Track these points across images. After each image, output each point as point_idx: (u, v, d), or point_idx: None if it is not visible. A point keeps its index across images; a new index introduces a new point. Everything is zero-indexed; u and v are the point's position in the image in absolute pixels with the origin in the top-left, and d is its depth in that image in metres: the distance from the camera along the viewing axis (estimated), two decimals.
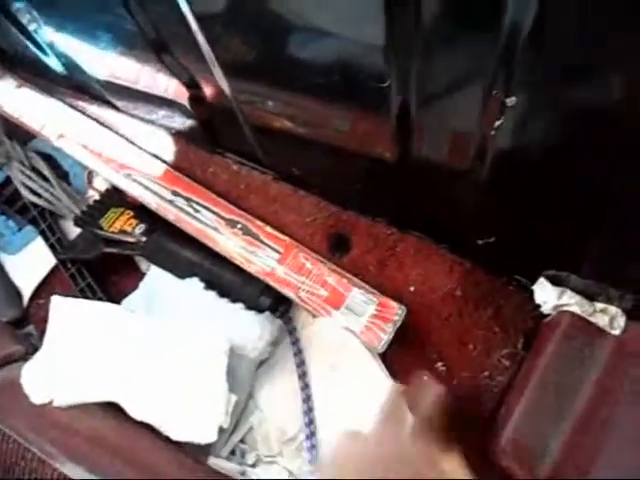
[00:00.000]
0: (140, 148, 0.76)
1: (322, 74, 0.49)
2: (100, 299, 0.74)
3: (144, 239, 0.69)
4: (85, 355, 0.63)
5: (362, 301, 0.63)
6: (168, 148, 0.77)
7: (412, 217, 0.63)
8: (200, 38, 0.52)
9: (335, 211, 0.67)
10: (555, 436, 0.51)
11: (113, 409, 0.62)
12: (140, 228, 0.70)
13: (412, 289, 0.63)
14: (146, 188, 0.72)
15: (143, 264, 0.75)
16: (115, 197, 0.75)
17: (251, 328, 0.62)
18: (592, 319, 0.57)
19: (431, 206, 0.60)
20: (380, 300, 0.63)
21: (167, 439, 0.61)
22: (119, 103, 0.80)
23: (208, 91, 0.63)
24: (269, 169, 0.70)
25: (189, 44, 0.54)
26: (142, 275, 0.74)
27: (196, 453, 0.62)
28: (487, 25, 0.34)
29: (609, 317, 0.57)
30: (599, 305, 0.58)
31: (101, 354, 0.63)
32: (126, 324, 0.64)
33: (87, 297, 0.74)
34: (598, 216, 0.48)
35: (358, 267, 0.66)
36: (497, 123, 0.40)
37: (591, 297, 0.58)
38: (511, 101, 0.37)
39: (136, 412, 0.60)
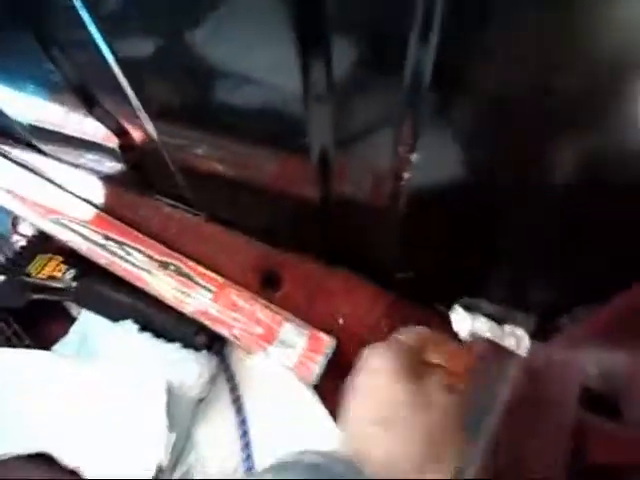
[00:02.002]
0: (68, 192, 0.76)
1: (246, 120, 0.52)
2: (28, 347, 0.73)
3: (75, 284, 0.69)
4: (14, 406, 0.62)
5: (294, 335, 0.66)
6: (97, 192, 0.77)
7: (339, 253, 0.67)
8: (125, 85, 0.54)
9: (266, 250, 0.70)
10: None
11: (45, 460, 0.61)
12: (70, 273, 0.70)
13: (341, 321, 0.67)
14: (76, 232, 0.72)
15: (73, 309, 0.75)
16: (43, 243, 0.74)
17: (190, 367, 0.63)
18: (502, 341, 0.62)
19: (355, 243, 0.64)
20: (311, 333, 0.66)
21: None
22: (45, 147, 0.80)
23: (136, 136, 0.65)
24: (200, 211, 0.72)
25: (114, 91, 0.56)
26: (73, 320, 0.74)
27: None
28: (390, 76, 0.38)
29: (515, 339, 0.63)
30: (507, 328, 0.63)
31: (31, 403, 0.63)
32: (56, 370, 0.64)
33: (14, 346, 0.72)
34: (500, 248, 0.54)
35: (289, 303, 0.69)
36: (405, 175, 0.45)
37: (501, 321, 0.64)
38: (415, 158, 0.41)
39: (69, 459, 0.60)
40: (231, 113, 0.52)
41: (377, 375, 0.37)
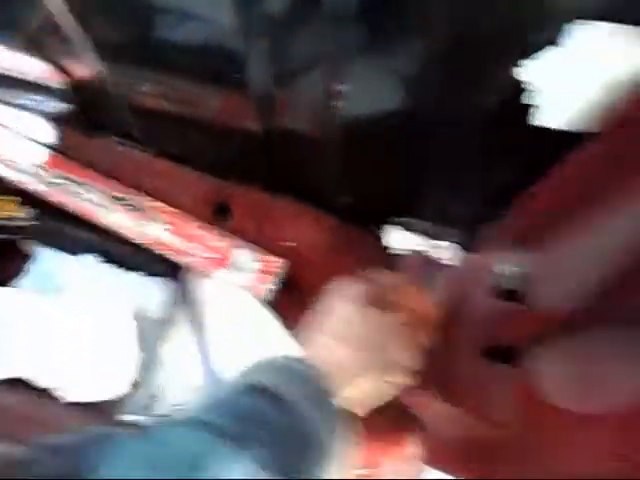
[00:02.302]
0: (19, 134, 0.78)
1: (188, 56, 0.56)
2: None
3: (34, 223, 0.72)
4: None
5: (247, 259, 0.72)
6: (48, 133, 0.79)
7: (283, 183, 0.72)
8: (71, 23, 0.56)
9: (216, 183, 0.75)
10: None
11: (21, 384, 0.66)
12: (29, 213, 0.73)
13: (289, 245, 0.73)
14: (29, 174, 0.74)
15: (29, 247, 0.78)
16: None
17: (152, 291, 0.69)
18: (431, 254, 0.70)
19: (298, 172, 0.69)
20: (262, 257, 0.72)
21: (77, 403, 0.67)
22: None
23: (84, 76, 0.67)
24: (150, 148, 0.76)
25: (60, 30, 0.58)
26: (28, 258, 0.77)
27: (109, 412, 0.69)
28: (318, 14, 0.43)
29: (443, 251, 0.71)
30: (436, 242, 0.72)
31: (1, 335, 0.67)
32: (25, 304, 0.68)
33: None
34: (424, 171, 0.61)
35: (240, 231, 0.74)
36: (337, 104, 0.50)
37: (430, 237, 0.72)
38: (343, 87, 0.47)
39: (46, 382, 0.66)
40: (174, 50, 0.56)
41: (339, 299, 0.43)
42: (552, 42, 0.32)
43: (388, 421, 0.70)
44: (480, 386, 0.52)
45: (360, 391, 0.40)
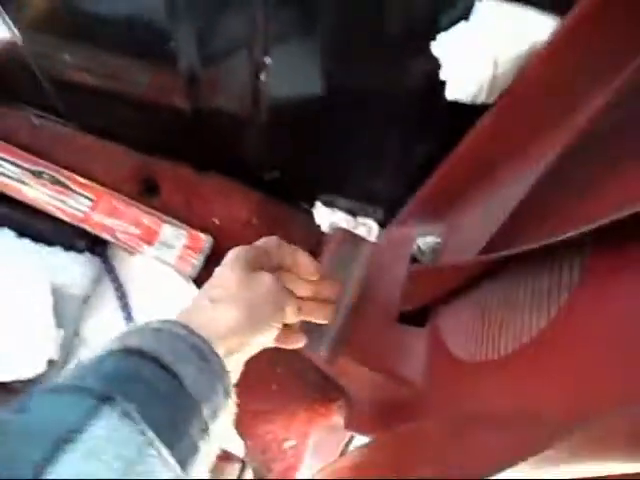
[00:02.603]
0: None
1: (116, 30, 0.55)
2: None
3: None
4: None
5: (173, 236, 0.72)
6: None
7: (210, 159, 0.73)
8: None
9: (143, 158, 0.74)
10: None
11: None
12: None
13: (216, 221, 0.74)
14: None
15: None
16: None
17: (73, 267, 0.67)
18: (356, 231, 0.74)
19: (225, 149, 0.70)
20: (189, 233, 0.72)
21: None
22: None
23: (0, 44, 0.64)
24: (72, 122, 0.74)
25: None
26: None
27: (25, 392, 0.67)
28: None
29: (367, 228, 0.74)
30: (360, 219, 0.75)
31: None
32: None
33: None
34: (346, 150, 0.64)
35: (168, 207, 0.74)
36: (262, 78, 0.51)
37: (354, 214, 0.75)
38: (268, 60, 0.48)
39: None
40: (100, 21, 0.55)
41: (223, 264, 0.44)
42: (463, 18, 0.36)
43: (313, 392, 0.72)
44: (395, 348, 0.56)
45: (238, 345, 0.41)
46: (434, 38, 0.38)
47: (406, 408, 0.53)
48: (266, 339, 0.43)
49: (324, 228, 0.75)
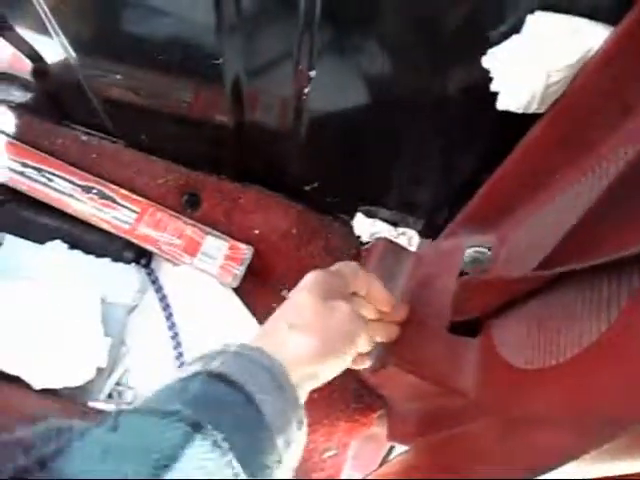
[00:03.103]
0: None
1: (162, 50, 0.57)
2: None
3: None
4: None
5: (215, 246, 0.74)
6: (9, 121, 0.78)
7: (251, 172, 0.74)
8: (41, 9, 0.57)
9: (185, 172, 0.76)
10: None
11: None
12: None
13: (257, 232, 0.75)
14: None
15: None
16: None
17: (121, 278, 0.70)
18: (397, 241, 0.74)
19: (266, 161, 0.72)
20: (230, 244, 0.74)
21: (46, 390, 0.66)
22: None
23: (53, 64, 0.67)
24: (119, 138, 0.76)
25: (30, 15, 0.58)
26: None
27: (76, 399, 0.69)
28: (288, 9, 0.46)
29: (408, 238, 0.75)
30: (400, 229, 0.75)
31: None
32: None
33: None
34: (389, 161, 0.64)
35: (209, 219, 0.76)
36: (306, 91, 0.53)
37: (395, 224, 0.75)
38: (313, 74, 0.49)
39: (10, 367, 0.65)
40: (147, 44, 0.57)
41: (302, 288, 0.44)
42: (514, 31, 0.36)
43: (355, 402, 0.73)
44: (445, 358, 0.56)
45: (310, 375, 0.42)
46: (484, 51, 0.39)
47: (457, 418, 0.53)
48: (338, 370, 0.43)
49: (364, 239, 0.75)
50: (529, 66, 0.36)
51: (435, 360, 0.57)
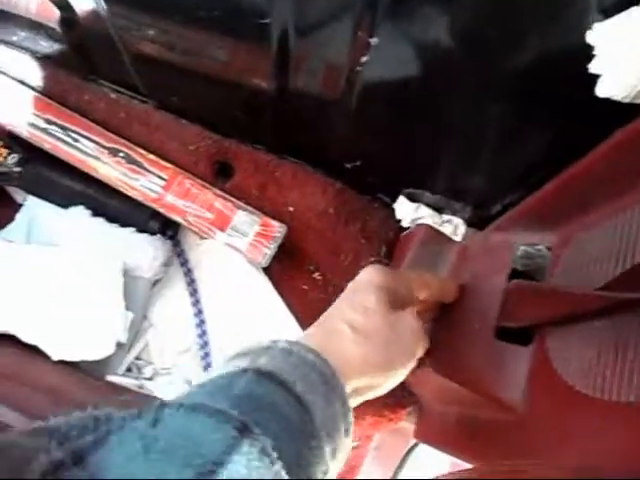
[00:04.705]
0: (5, 74, 0.72)
1: (202, 3, 0.51)
2: None
3: (19, 169, 0.68)
4: None
5: (246, 222, 0.69)
6: (34, 73, 0.73)
7: (289, 144, 0.69)
8: None
9: (217, 139, 0.71)
10: None
11: (5, 339, 0.63)
12: (13, 158, 0.68)
13: (291, 209, 0.70)
14: (14, 115, 0.69)
15: (18, 195, 0.73)
16: None
17: (145, 250, 0.66)
18: (441, 228, 0.68)
19: (307, 134, 0.66)
20: (262, 220, 0.69)
21: (64, 362, 0.64)
22: None
23: (82, 14, 0.62)
24: (149, 98, 0.71)
25: None
26: (17, 207, 0.73)
27: (94, 372, 0.66)
28: None
29: (453, 226, 0.69)
30: (446, 216, 0.69)
31: None
32: (9, 255, 0.64)
33: None
34: (441, 142, 0.58)
35: (241, 191, 0.71)
36: (363, 59, 0.47)
37: (440, 210, 0.70)
38: (374, 41, 0.43)
39: (29, 337, 0.62)
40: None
41: (366, 289, 0.41)
42: (632, 2, 0.30)
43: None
44: (491, 365, 0.51)
45: (363, 388, 0.39)
46: (588, 25, 0.33)
47: (500, 431, 0.49)
48: (395, 384, 0.40)
49: (405, 224, 0.70)
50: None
51: (478, 366, 0.52)
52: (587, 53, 0.35)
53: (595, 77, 0.34)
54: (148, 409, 0.28)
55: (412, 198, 0.69)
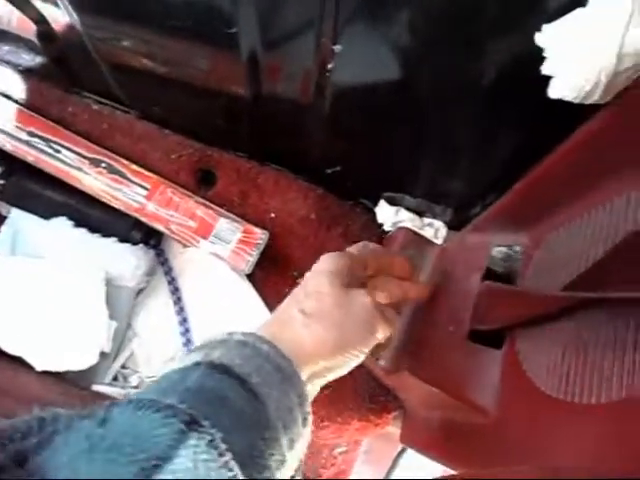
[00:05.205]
0: None
1: (175, 16, 0.51)
2: None
3: (2, 182, 0.68)
4: None
5: (228, 229, 0.69)
6: (17, 86, 0.74)
7: (269, 150, 0.69)
8: None
9: (199, 147, 0.71)
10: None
11: None
12: None
13: (273, 216, 0.70)
14: None
15: (2, 208, 0.74)
16: None
17: (127, 259, 0.66)
18: (422, 232, 0.68)
19: (285, 140, 0.66)
20: (245, 227, 0.69)
21: (48, 373, 0.64)
22: None
23: (57, 26, 0.62)
24: (132, 108, 0.72)
25: None
26: (2, 219, 0.73)
27: (79, 382, 0.66)
28: None
29: (434, 229, 0.69)
30: (427, 220, 0.69)
31: None
32: None
33: None
34: (420, 146, 0.58)
35: (223, 199, 0.71)
36: (329, 65, 0.47)
37: (420, 213, 0.70)
38: (337, 48, 0.43)
39: (13, 348, 0.62)
40: (158, 4, 0.51)
41: (319, 272, 0.40)
42: (578, 3, 0.30)
43: (369, 402, 0.68)
44: (464, 368, 0.51)
45: (322, 371, 0.38)
46: (538, 27, 0.33)
47: (477, 434, 0.49)
48: (353, 365, 0.40)
49: (387, 227, 0.70)
50: (594, 47, 0.30)
51: (453, 370, 0.52)
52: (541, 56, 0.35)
53: (549, 79, 0.34)
54: (99, 408, 0.28)
55: (392, 202, 0.69)
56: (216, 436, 0.27)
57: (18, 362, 0.63)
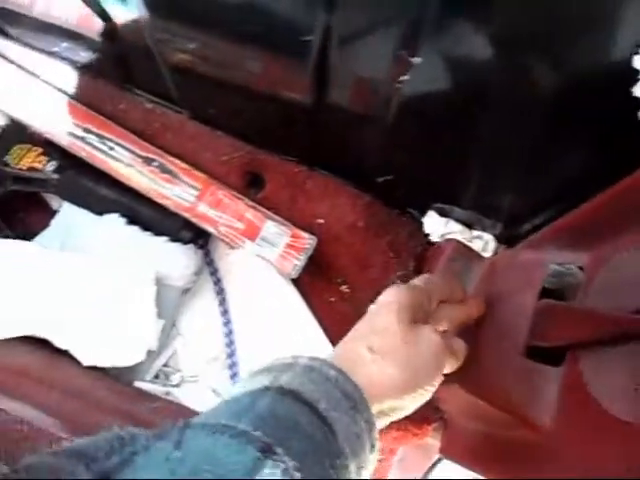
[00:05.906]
0: (46, 83, 0.74)
1: (249, 23, 0.52)
2: (7, 237, 0.73)
3: (56, 176, 0.69)
4: (1, 292, 0.64)
5: (276, 233, 0.69)
6: (73, 82, 0.75)
7: (321, 156, 0.69)
8: None
9: (250, 150, 0.71)
10: None
11: (37, 343, 0.64)
12: (51, 165, 0.70)
13: (320, 221, 0.70)
14: (54, 124, 0.71)
15: (54, 201, 0.75)
16: (19, 133, 0.73)
17: (177, 258, 0.66)
18: (471, 244, 0.68)
19: (340, 147, 0.67)
20: (292, 232, 0.69)
21: (94, 367, 0.64)
22: (13, 31, 0.76)
23: (122, 25, 0.63)
24: (184, 109, 0.72)
25: None
26: (53, 213, 0.74)
27: (122, 378, 0.67)
28: None
29: (483, 242, 0.69)
30: (476, 232, 0.69)
31: (18, 291, 0.64)
32: (44, 260, 0.65)
33: None
34: (473, 158, 0.58)
35: (271, 203, 0.72)
36: (403, 77, 0.47)
37: (470, 226, 0.69)
38: (416, 61, 0.44)
39: (61, 342, 0.63)
40: (229, 9, 0.52)
41: (384, 310, 0.40)
42: None
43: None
44: (518, 384, 0.51)
45: (387, 410, 0.38)
46: (637, 51, 0.33)
47: (528, 452, 0.48)
48: (421, 402, 0.40)
49: (434, 238, 0.70)
50: None
51: (507, 385, 0.52)
52: (631, 76, 0.35)
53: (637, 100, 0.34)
54: (171, 429, 0.28)
55: (442, 213, 0.69)
56: (289, 464, 0.27)
57: (65, 356, 0.64)
